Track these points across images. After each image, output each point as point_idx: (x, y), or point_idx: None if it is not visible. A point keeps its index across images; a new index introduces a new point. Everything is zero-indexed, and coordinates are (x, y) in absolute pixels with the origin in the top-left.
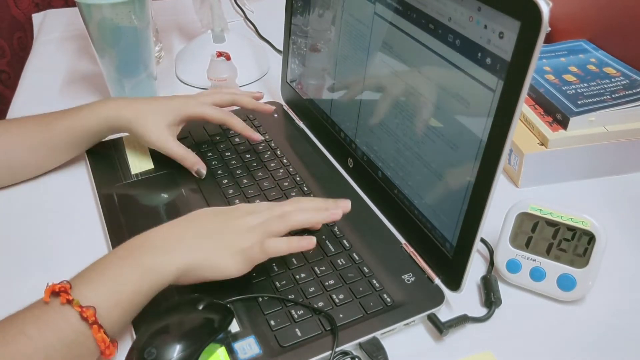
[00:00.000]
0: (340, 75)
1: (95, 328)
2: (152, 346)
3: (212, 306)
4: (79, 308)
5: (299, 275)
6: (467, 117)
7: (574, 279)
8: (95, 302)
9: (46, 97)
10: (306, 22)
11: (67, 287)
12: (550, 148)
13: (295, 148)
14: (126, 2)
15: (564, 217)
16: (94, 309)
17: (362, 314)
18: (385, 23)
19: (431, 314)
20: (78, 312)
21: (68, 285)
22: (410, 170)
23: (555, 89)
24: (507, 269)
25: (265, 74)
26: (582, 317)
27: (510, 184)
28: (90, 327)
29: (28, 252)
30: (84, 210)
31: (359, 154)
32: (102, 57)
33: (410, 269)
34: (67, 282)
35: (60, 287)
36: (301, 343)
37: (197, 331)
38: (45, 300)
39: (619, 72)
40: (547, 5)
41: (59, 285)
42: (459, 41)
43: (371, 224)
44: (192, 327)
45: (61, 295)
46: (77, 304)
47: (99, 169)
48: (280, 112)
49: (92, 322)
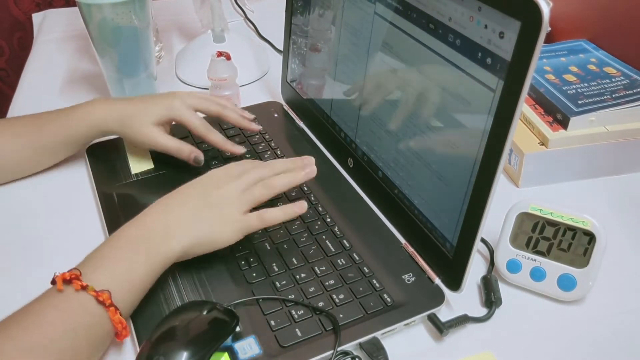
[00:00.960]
0: (341, 75)
1: (112, 310)
2: (160, 354)
3: (217, 310)
4: (94, 293)
5: (299, 275)
6: (467, 117)
7: (574, 279)
8: (109, 286)
9: (46, 97)
10: (306, 22)
11: (77, 274)
12: (550, 148)
13: (295, 148)
14: (126, 2)
15: (564, 217)
16: (108, 292)
17: (362, 314)
18: (386, 23)
19: (431, 314)
20: (94, 296)
21: (78, 272)
22: (410, 170)
23: (555, 88)
24: (507, 269)
25: (265, 74)
26: (582, 317)
27: (510, 184)
28: (107, 309)
29: (28, 252)
30: (84, 210)
31: (359, 154)
32: (102, 57)
33: (411, 269)
34: (77, 269)
35: (71, 275)
36: (301, 343)
37: (204, 336)
38: (60, 289)
39: (620, 72)
40: (547, 5)
41: (69, 273)
42: (459, 41)
43: (371, 224)
44: (198, 332)
45: (74, 282)
46: (91, 289)
47: (99, 169)
48: (280, 112)
49: (109, 304)
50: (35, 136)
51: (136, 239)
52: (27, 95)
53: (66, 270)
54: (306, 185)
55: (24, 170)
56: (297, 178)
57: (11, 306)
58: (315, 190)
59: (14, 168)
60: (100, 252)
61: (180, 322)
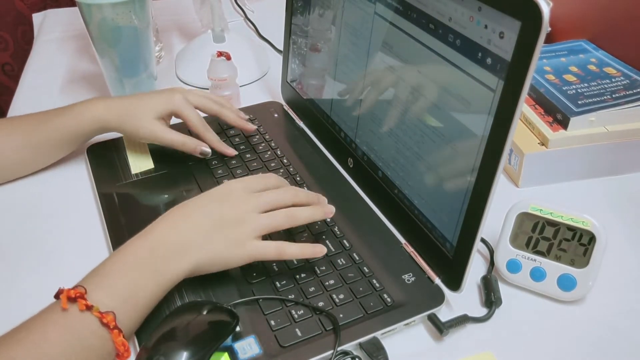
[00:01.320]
0: (341, 75)
1: (115, 333)
2: (160, 354)
3: (216, 310)
4: (99, 314)
5: (299, 275)
6: (467, 117)
7: (574, 279)
8: (114, 307)
9: (46, 97)
10: (306, 22)
11: (82, 292)
12: (550, 148)
13: (295, 148)
14: (126, 2)
15: (564, 217)
16: (113, 314)
17: (362, 314)
18: (386, 23)
19: (431, 314)
20: (98, 318)
21: (83, 290)
22: (410, 170)
23: (555, 89)
24: (507, 269)
25: (265, 74)
26: (582, 317)
27: (510, 184)
28: (110, 332)
29: (28, 252)
30: (84, 210)
31: (359, 154)
32: (102, 57)
33: (411, 269)
34: (82, 287)
35: (76, 293)
36: (301, 343)
37: (203, 336)
38: (64, 307)
39: (620, 72)
40: (547, 5)
41: (73, 290)
42: (459, 41)
43: (371, 223)
44: (198, 332)
45: (78, 301)
46: (96, 310)
47: (99, 169)
48: (280, 112)
49: (113, 327)
50: (34, 134)
51: (143, 256)
52: (27, 95)
53: (71, 287)
54: (306, 185)
55: (24, 169)
56: (319, 214)
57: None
58: (316, 190)
59: (14, 167)
60: (105, 268)
61: (180, 322)
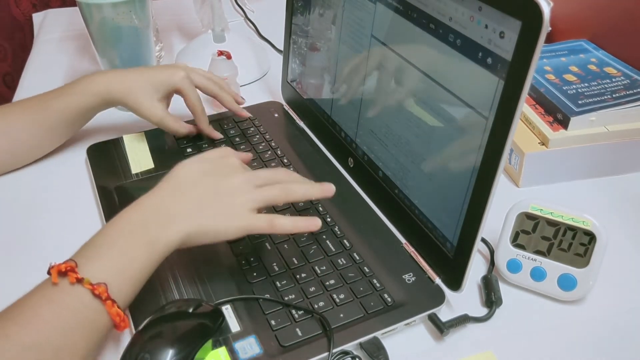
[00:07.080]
0: (341, 75)
1: (109, 304)
2: (145, 351)
3: (202, 308)
4: (90, 286)
5: (300, 275)
6: (468, 117)
7: (575, 278)
8: (106, 278)
9: None
10: (307, 22)
11: (73, 265)
12: (550, 148)
13: (295, 148)
14: (127, 2)
15: (565, 216)
16: (105, 285)
17: (362, 314)
18: (386, 23)
19: (432, 314)
20: (89, 290)
21: (74, 264)
22: (410, 170)
23: (555, 88)
24: (507, 268)
25: (265, 74)
26: (582, 317)
27: (510, 184)
28: (103, 303)
29: (27, 251)
30: (84, 209)
31: (359, 154)
32: (102, 56)
33: (411, 269)
34: (72, 261)
35: (67, 267)
36: (302, 343)
37: (189, 334)
38: (54, 282)
39: (620, 72)
40: (548, 5)
41: (64, 264)
42: (459, 41)
43: (372, 223)
44: (184, 330)
45: (69, 274)
46: (87, 282)
47: (99, 169)
48: (280, 111)
49: (105, 298)
50: (43, 116)
51: (134, 225)
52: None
53: (62, 262)
54: None
55: (40, 151)
56: (316, 191)
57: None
58: None
59: (32, 151)
60: (96, 240)
61: (166, 320)
